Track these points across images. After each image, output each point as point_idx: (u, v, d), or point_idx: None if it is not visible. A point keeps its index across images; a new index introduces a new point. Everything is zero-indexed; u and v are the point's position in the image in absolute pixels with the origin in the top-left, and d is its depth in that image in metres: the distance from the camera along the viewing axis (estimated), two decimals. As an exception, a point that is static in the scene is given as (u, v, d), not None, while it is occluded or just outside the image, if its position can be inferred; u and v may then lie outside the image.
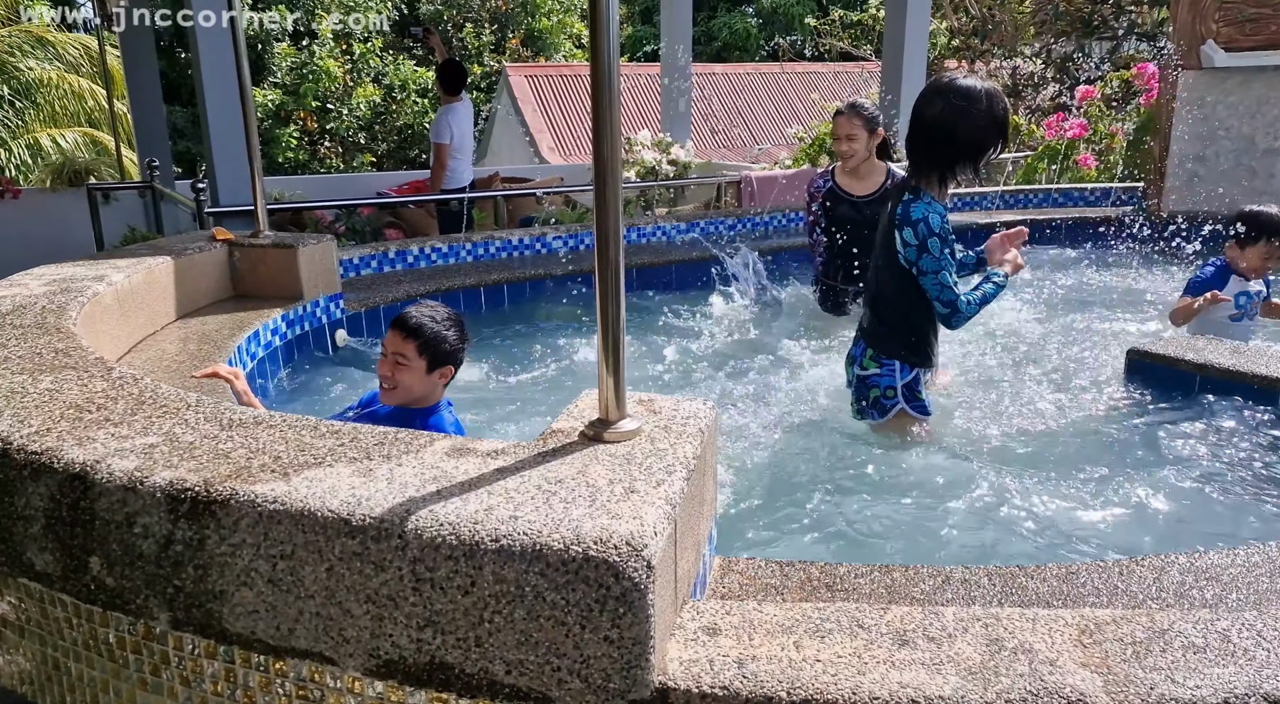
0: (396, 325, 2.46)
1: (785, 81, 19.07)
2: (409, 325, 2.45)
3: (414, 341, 2.44)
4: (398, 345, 2.44)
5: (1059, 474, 2.69)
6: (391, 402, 2.52)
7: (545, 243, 5.69)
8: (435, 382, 2.50)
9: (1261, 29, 6.16)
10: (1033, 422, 3.08)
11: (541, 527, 1.19)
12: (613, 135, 1.42)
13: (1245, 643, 1.22)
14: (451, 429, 2.55)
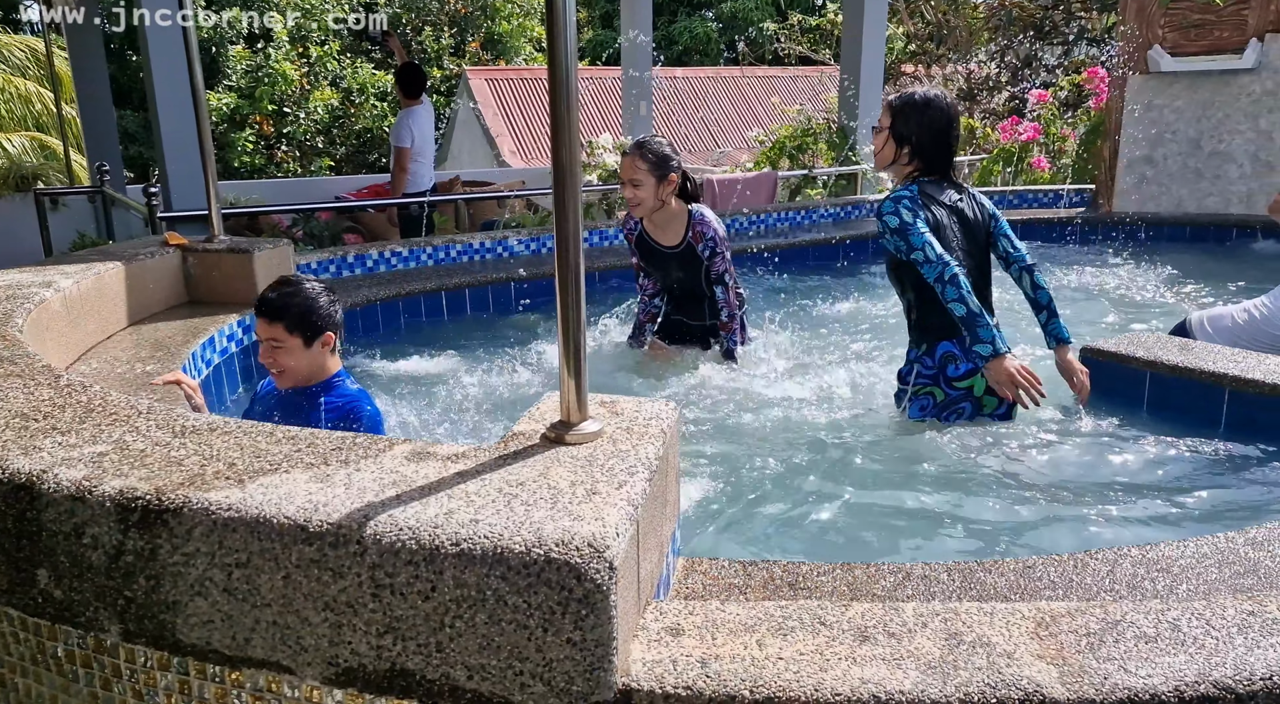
0: (259, 312, 2.39)
1: (745, 85, 19.20)
2: (271, 308, 2.38)
3: (281, 323, 2.37)
4: (267, 331, 2.38)
5: (1015, 469, 2.73)
6: (286, 385, 2.47)
7: (507, 246, 5.67)
8: (319, 353, 2.44)
9: (1205, 34, 6.33)
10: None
11: (503, 530, 1.18)
12: (571, 138, 1.41)
13: (1195, 632, 1.25)
14: (356, 398, 2.50)
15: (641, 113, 10.35)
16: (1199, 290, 5.13)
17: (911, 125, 2.90)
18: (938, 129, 2.90)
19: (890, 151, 2.94)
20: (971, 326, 2.73)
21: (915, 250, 2.78)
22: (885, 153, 2.96)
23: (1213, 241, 6.24)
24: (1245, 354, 2.97)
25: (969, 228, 2.99)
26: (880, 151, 2.97)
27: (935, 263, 2.75)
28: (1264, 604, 1.30)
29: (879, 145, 2.97)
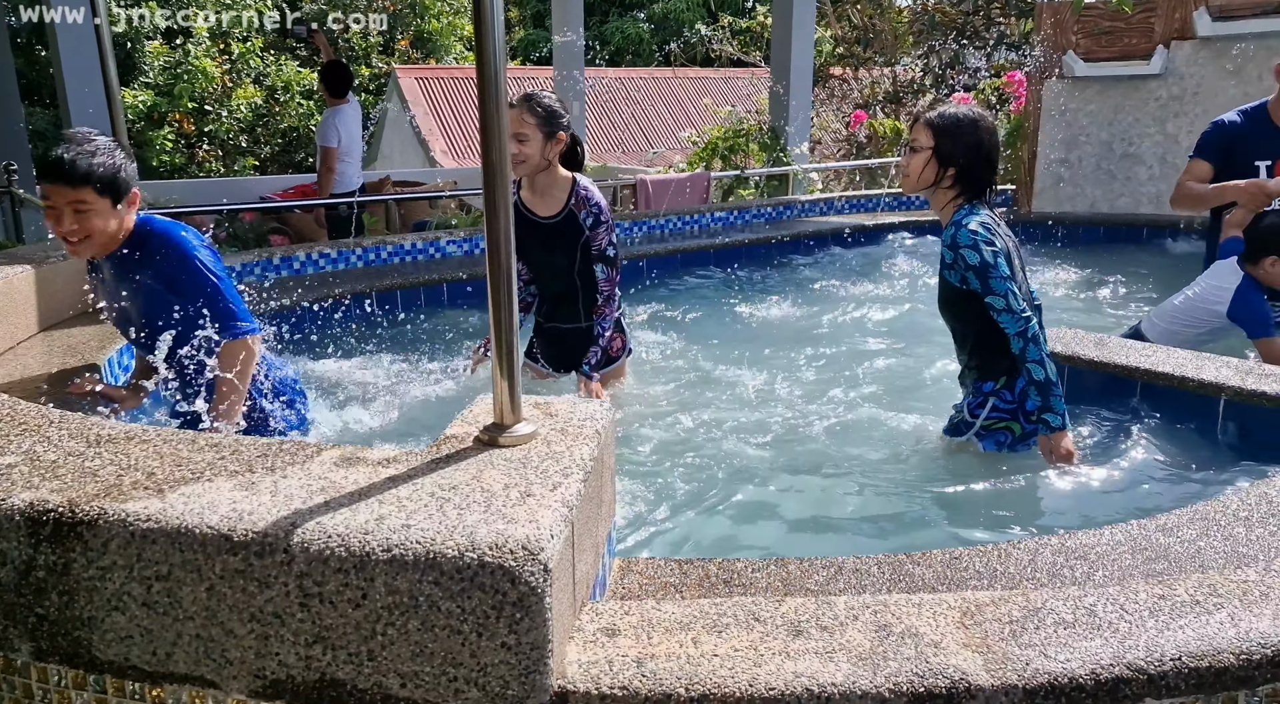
0: (58, 178, 2.26)
1: (678, 86, 19.30)
2: (78, 173, 2.26)
3: (89, 186, 2.27)
4: (69, 196, 2.27)
5: (942, 463, 2.80)
6: (89, 253, 2.39)
7: (439, 247, 5.60)
8: (126, 211, 2.38)
9: (1116, 41, 6.59)
10: (914, 415, 3.21)
11: (435, 534, 1.16)
12: (501, 138, 1.41)
13: (1110, 616, 1.29)
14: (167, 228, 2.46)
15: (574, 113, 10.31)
16: (1114, 287, 5.33)
17: (960, 146, 2.67)
18: (988, 150, 2.69)
19: (931, 173, 2.69)
20: (1048, 394, 2.58)
21: (995, 296, 2.58)
22: (925, 175, 2.70)
23: (1125, 240, 6.49)
24: (1156, 348, 3.10)
25: (1021, 259, 2.81)
26: (918, 174, 2.70)
27: (1018, 317, 2.57)
28: (1173, 588, 1.36)
29: (917, 167, 2.70)
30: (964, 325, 2.79)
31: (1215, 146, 3.84)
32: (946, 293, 2.75)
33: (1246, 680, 1.20)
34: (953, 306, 2.78)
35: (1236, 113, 3.89)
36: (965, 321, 2.77)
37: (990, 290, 2.58)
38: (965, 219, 2.63)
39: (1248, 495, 1.94)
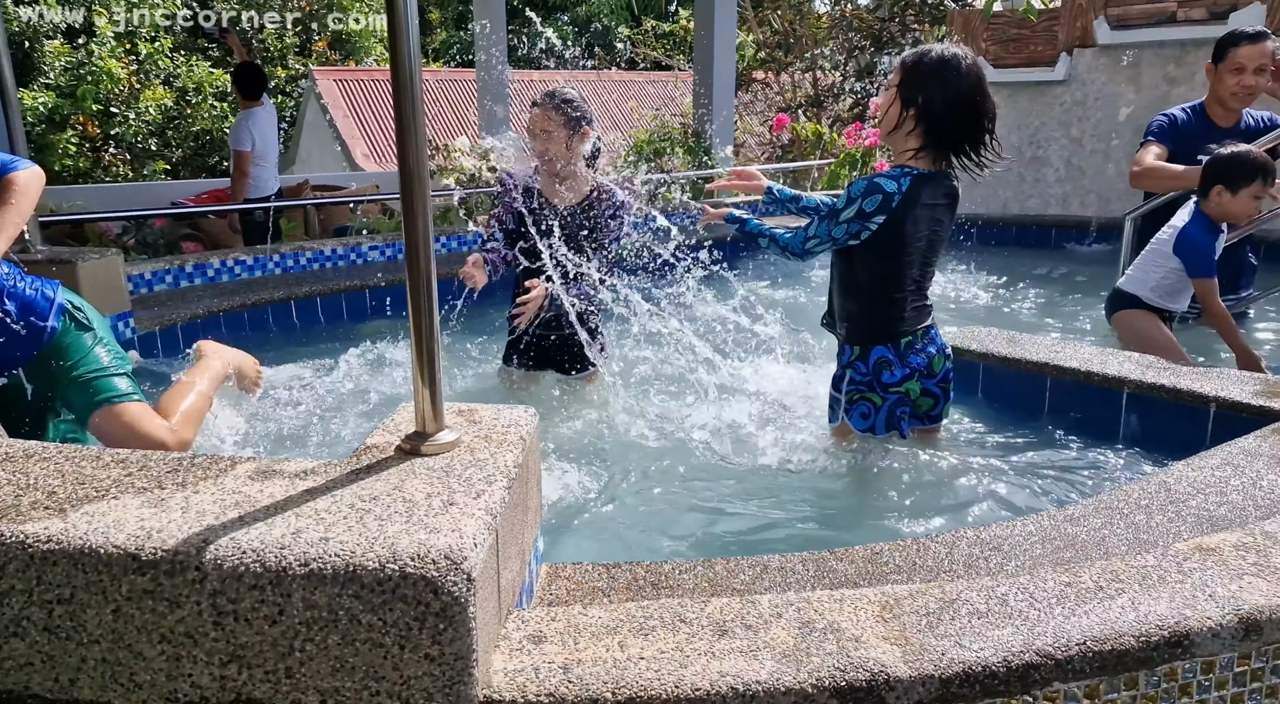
0: None
1: (603, 89, 19.33)
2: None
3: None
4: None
5: (864, 460, 2.87)
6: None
7: (360, 253, 5.50)
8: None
9: (1022, 48, 6.84)
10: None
11: (355, 546, 1.14)
12: (418, 141, 1.39)
13: (1020, 605, 1.34)
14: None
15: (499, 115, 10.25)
16: (1025, 286, 5.52)
17: (924, 87, 2.41)
18: (963, 98, 2.40)
19: (894, 114, 2.47)
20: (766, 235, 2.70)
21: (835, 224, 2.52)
22: (890, 115, 2.49)
23: (1035, 240, 6.74)
24: (1063, 344, 3.22)
25: (938, 240, 2.68)
26: (884, 112, 2.51)
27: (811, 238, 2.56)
28: (1079, 575, 1.41)
29: (883, 104, 2.53)
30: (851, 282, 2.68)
31: (1167, 135, 3.91)
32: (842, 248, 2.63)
33: (1146, 661, 1.26)
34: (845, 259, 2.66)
35: (1179, 109, 4.00)
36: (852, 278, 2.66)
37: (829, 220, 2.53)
38: (884, 177, 2.48)
39: (1148, 484, 2.03)
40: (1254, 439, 2.27)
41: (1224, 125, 3.83)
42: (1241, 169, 3.41)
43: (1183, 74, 6.20)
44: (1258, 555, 1.47)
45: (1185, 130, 3.88)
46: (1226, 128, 3.82)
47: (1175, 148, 3.84)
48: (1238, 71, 3.68)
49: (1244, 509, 1.88)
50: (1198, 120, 3.88)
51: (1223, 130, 3.81)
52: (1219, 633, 1.29)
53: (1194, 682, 1.30)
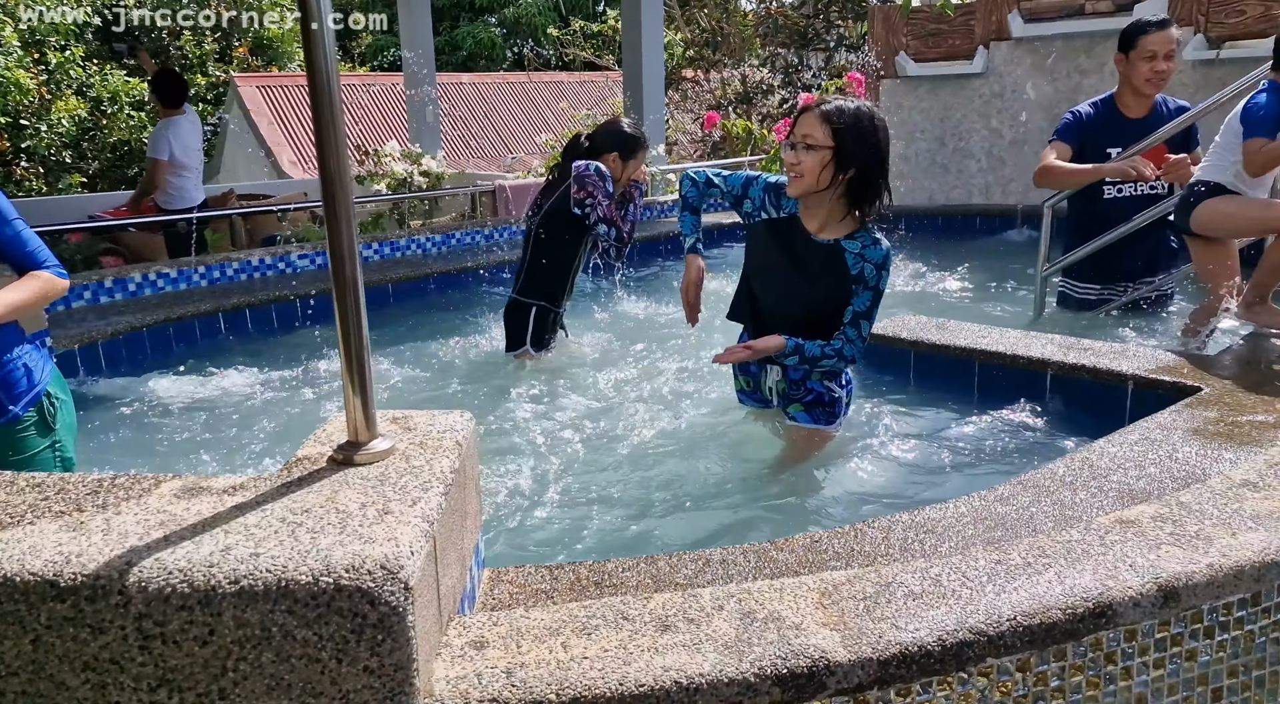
0: None
1: (533, 90, 19.23)
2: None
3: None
4: None
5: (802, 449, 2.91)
6: None
7: (290, 262, 5.39)
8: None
9: (942, 42, 7.00)
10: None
11: (287, 561, 1.12)
12: (339, 147, 1.37)
13: (953, 584, 1.38)
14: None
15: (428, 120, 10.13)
16: (951, 274, 5.66)
17: (863, 146, 2.38)
18: (885, 154, 2.44)
19: (829, 176, 2.39)
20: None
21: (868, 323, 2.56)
22: (824, 177, 2.39)
23: (960, 230, 6.91)
24: (990, 330, 3.31)
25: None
26: (817, 175, 2.38)
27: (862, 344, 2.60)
28: (1008, 552, 1.46)
29: (814, 167, 2.37)
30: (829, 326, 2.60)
31: (1074, 132, 4.00)
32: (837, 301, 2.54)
33: (1073, 633, 1.30)
34: (826, 316, 2.58)
35: (1088, 104, 4.08)
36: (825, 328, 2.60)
37: (872, 317, 2.55)
38: (881, 238, 2.51)
39: (1072, 461, 2.10)
40: (1169, 414, 2.36)
41: (1134, 116, 3.93)
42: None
43: (1093, 65, 6.42)
44: (1174, 526, 1.53)
45: (1093, 124, 3.98)
46: (1137, 118, 3.93)
47: (1084, 143, 3.95)
48: (1150, 58, 3.79)
49: (1161, 482, 1.96)
50: (1107, 112, 3.99)
51: (1133, 121, 3.92)
52: (1140, 602, 1.34)
53: (1118, 650, 1.35)
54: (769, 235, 2.62)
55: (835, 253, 2.51)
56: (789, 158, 2.44)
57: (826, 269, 2.52)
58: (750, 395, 2.93)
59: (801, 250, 2.55)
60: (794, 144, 2.41)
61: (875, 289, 2.52)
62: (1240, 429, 2.24)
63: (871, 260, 2.51)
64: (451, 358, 4.25)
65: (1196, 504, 1.62)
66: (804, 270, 2.55)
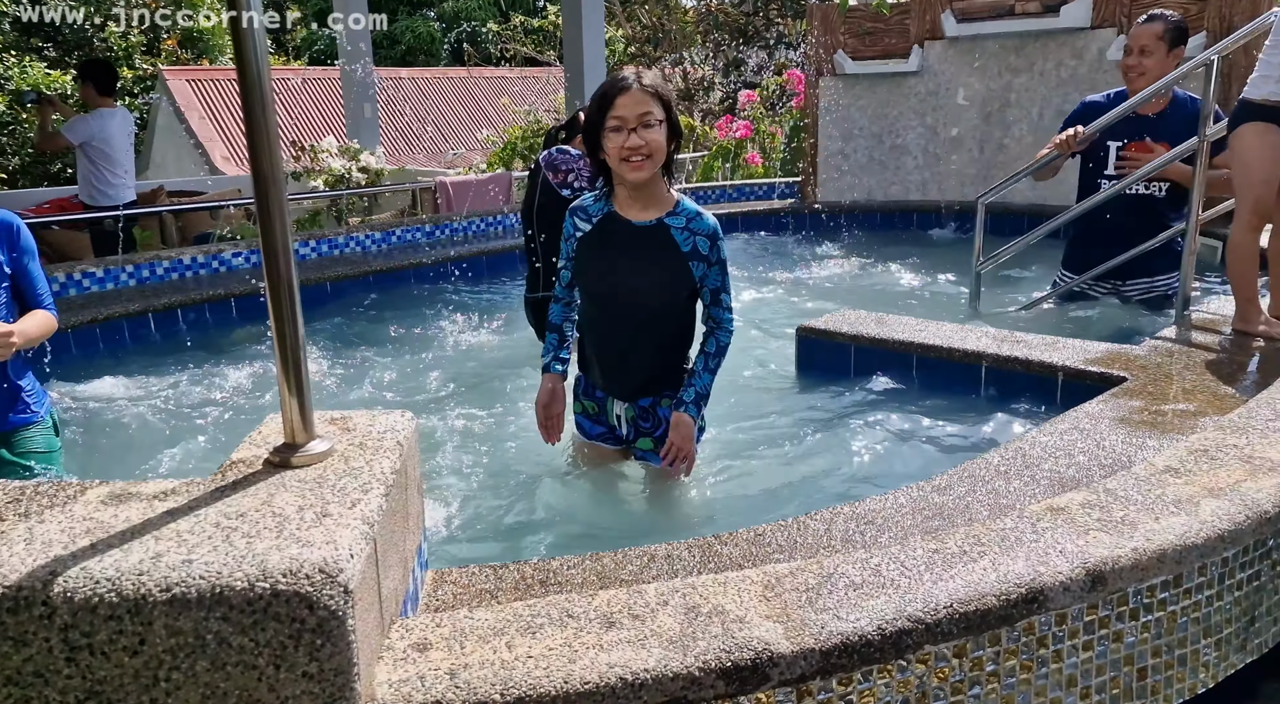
0: None
1: (474, 86, 19.04)
2: None
3: None
4: None
5: (749, 445, 2.94)
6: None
7: (224, 260, 5.25)
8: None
9: (878, 41, 7.11)
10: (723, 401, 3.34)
11: (221, 567, 1.09)
12: (271, 144, 1.34)
13: (892, 574, 1.40)
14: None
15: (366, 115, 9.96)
16: (890, 268, 5.76)
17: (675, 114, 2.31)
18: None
19: (664, 152, 2.30)
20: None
21: (728, 293, 2.45)
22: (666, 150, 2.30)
23: (897, 225, 7.04)
24: (928, 323, 3.38)
25: None
26: (664, 151, 2.29)
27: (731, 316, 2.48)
28: (944, 542, 1.49)
29: (661, 143, 2.26)
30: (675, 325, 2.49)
31: (1072, 121, 3.96)
32: (686, 284, 2.40)
33: (1007, 619, 1.34)
34: (682, 301, 2.44)
35: (1103, 95, 4.04)
36: (681, 320, 2.49)
37: (727, 287, 2.44)
38: (702, 209, 2.42)
39: (1006, 451, 2.16)
40: (1097, 404, 2.44)
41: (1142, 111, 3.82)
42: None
43: (1023, 64, 6.58)
44: (1101, 512, 1.58)
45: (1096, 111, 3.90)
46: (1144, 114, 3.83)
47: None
48: (1128, 52, 3.82)
49: (1089, 469, 2.02)
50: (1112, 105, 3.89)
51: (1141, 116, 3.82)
52: (1069, 586, 1.38)
53: (1049, 634, 1.39)
54: (590, 249, 2.42)
55: (661, 231, 2.36)
56: (634, 143, 2.22)
57: (659, 252, 2.36)
58: (593, 421, 2.64)
59: (628, 242, 2.38)
60: (634, 127, 2.22)
61: (721, 262, 2.40)
62: (1163, 417, 2.33)
63: (702, 232, 2.37)
64: (393, 357, 4.19)
65: (1122, 491, 1.68)
66: (638, 261, 2.37)
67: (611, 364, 2.52)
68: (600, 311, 2.48)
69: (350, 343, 4.44)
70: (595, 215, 2.43)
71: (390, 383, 3.83)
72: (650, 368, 2.49)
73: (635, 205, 2.39)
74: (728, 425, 3.10)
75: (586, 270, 2.44)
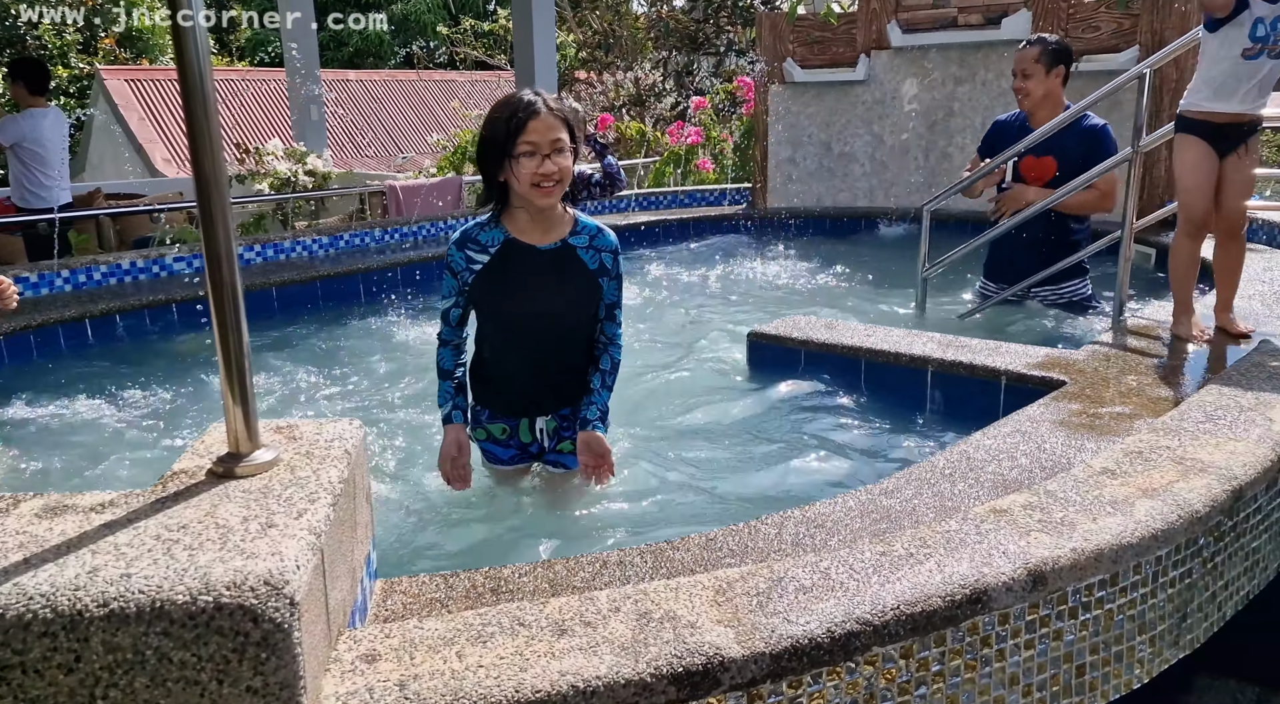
0: None
1: (424, 89, 18.88)
2: None
3: None
4: None
5: (700, 450, 2.95)
6: None
7: (165, 265, 5.13)
8: None
9: (826, 49, 7.21)
10: (675, 406, 3.35)
11: (162, 581, 1.07)
12: (213, 146, 1.32)
13: (841, 577, 1.42)
14: None
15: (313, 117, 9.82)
16: (839, 273, 5.84)
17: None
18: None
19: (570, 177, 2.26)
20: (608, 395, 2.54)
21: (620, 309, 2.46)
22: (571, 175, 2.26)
23: (846, 231, 7.14)
24: (875, 328, 3.43)
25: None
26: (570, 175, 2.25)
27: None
28: (891, 544, 1.52)
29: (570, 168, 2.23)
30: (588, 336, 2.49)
31: (985, 141, 4.29)
32: (597, 300, 2.41)
33: (952, 620, 1.36)
34: (594, 317, 2.45)
35: (1010, 114, 4.29)
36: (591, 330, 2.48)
37: (621, 302, 2.47)
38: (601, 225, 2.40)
39: (951, 454, 2.20)
40: (1038, 407, 2.50)
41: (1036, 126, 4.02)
42: None
43: (965, 74, 6.73)
44: (1042, 513, 1.62)
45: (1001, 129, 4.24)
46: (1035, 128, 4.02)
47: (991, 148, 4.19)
48: (1013, 77, 4.04)
49: (1031, 471, 2.07)
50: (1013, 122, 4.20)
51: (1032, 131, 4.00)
52: (1012, 586, 1.41)
53: (993, 633, 1.42)
54: (493, 279, 2.34)
55: (567, 252, 2.34)
56: (548, 170, 2.17)
57: (570, 273, 2.34)
58: (503, 446, 2.57)
59: (535, 267, 2.32)
60: (547, 153, 2.16)
61: (619, 277, 2.42)
62: (1100, 420, 2.40)
63: (606, 249, 2.38)
64: (341, 364, 4.13)
65: (1062, 492, 1.72)
66: (550, 284, 2.33)
67: (530, 385, 2.48)
68: (514, 337, 2.43)
69: (297, 349, 4.36)
70: (491, 244, 2.33)
71: (338, 390, 3.77)
72: (570, 379, 2.50)
73: (537, 230, 2.33)
74: (680, 430, 3.11)
75: (492, 300, 2.37)
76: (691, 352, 4.03)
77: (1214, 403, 2.20)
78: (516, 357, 2.45)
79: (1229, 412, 2.13)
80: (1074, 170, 3.84)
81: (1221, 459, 1.86)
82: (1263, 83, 2.90)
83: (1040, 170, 4.03)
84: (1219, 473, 1.79)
